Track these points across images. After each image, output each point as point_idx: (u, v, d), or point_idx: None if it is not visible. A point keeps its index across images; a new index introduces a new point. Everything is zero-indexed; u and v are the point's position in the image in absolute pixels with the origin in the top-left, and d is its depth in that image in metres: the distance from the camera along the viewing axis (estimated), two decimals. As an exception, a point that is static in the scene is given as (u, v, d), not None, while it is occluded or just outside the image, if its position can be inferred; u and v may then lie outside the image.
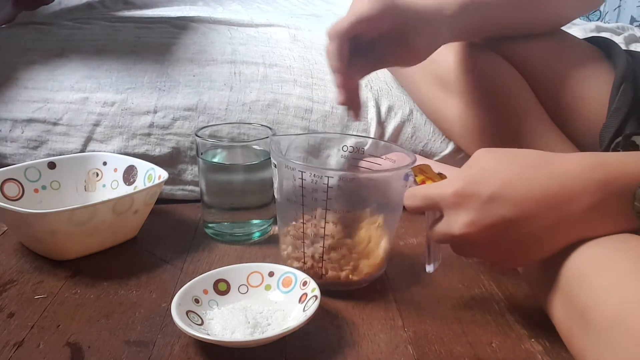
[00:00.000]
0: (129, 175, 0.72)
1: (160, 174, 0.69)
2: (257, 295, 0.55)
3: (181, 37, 0.95)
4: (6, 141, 0.80)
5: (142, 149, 0.81)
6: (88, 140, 0.81)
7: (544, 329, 0.52)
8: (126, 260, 0.65)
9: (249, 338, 0.48)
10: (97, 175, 0.74)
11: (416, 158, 0.57)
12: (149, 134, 0.81)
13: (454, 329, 0.54)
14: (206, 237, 0.71)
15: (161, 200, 0.76)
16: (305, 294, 0.54)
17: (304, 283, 0.55)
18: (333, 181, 0.54)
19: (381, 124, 0.86)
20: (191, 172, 0.82)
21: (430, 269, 0.57)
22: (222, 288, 0.55)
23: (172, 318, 0.48)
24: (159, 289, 0.59)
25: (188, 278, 0.55)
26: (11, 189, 0.68)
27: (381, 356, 0.49)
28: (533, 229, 0.46)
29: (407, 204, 0.54)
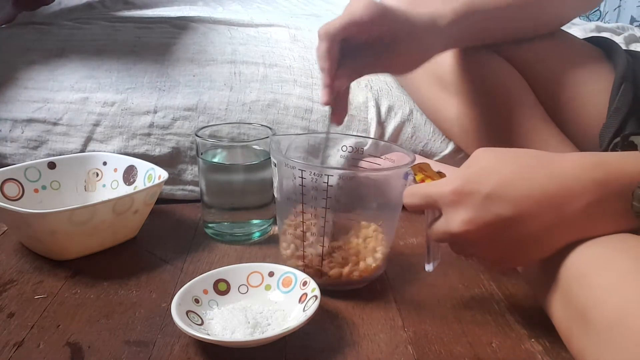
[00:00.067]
0: (129, 175, 0.72)
1: (160, 174, 0.69)
2: (257, 295, 0.55)
3: (181, 37, 0.95)
4: (6, 141, 0.80)
5: (142, 149, 0.81)
6: (88, 140, 0.81)
7: (544, 329, 0.52)
8: (126, 260, 0.65)
9: (249, 338, 0.49)
10: (97, 175, 0.74)
11: (415, 158, 0.57)
12: (149, 134, 0.81)
13: (454, 329, 0.54)
14: (206, 237, 0.71)
15: (161, 200, 0.76)
16: (305, 294, 0.54)
17: (304, 283, 0.55)
18: (333, 180, 0.54)
19: (381, 124, 0.86)
20: (191, 172, 0.82)
21: (429, 268, 0.57)
22: (222, 288, 0.55)
23: (172, 318, 0.48)
24: (159, 289, 0.59)
25: (188, 278, 0.55)
26: (11, 189, 0.68)
27: (381, 356, 0.49)
28: (532, 228, 0.46)
29: (406, 202, 0.54)
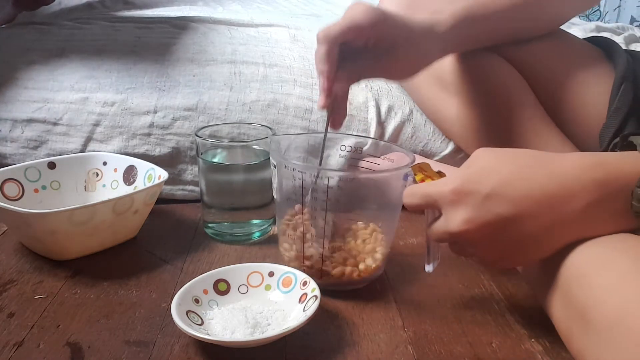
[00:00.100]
0: (129, 175, 0.72)
1: (160, 174, 0.69)
2: (257, 295, 0.55)
3: (181, 37, 0.95)
4: (6, 141, 0.80)
5: (142, 149, 0.81)
6: (88, 140, 0.81)
7: (544, 329, 0.52)
8: (126, 260, 0.65)
9: (249, 338, 0.49)
10: (97, 175, 0.74)
11: (415, 158, 0.57)
12: (149, 134, 0.81)
13: (454, 329, 0.54)
14: (206, 237, 0.71)
15: (161, 200, 0.76)
16: (305, 294, 0.54)
17: (304, 283, 0.55)
18: (333, 181, 0.54)
19: (381, 124, 0.86)
20: (191, 172, 0.82)
21: (429, 269, 0.57)
22: (222, 288, 0.55)
23: (172, 318, 0.48)
24: (159, 289, 0.59)
25: (188, 278, 0.55)
26: (11, 189, 0.68)
27: (381, 356, 0.49)
28: (532, 228, 0.46)
29: (406, 202, 0.54)
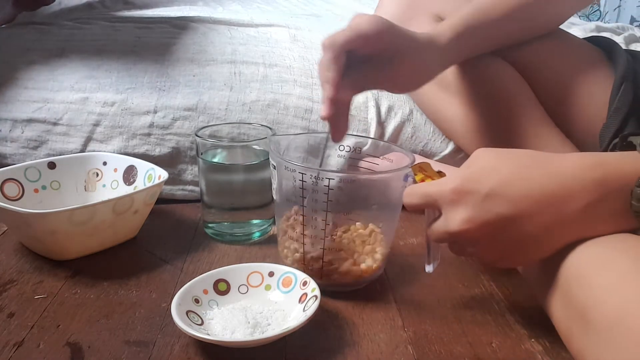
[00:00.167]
0: (129, 175, 0.72)
1: (160, 174, 0.69)
2: (257, 295, 0.55)
3: (181, 37, 0.95)
4: (6, 141, 0.80)
5: (142, 149, 0.81)
6: (88, 140, 0.81)
7: (544, 329, 0.52)
8: (126, 260, 0.65)
9: (249, 338, 0.49)
10: (97, 175, 0.74)
11: (415, 158, 0.57)
12: (149, 134, 0.81)
13: (454, 329, 0.54)
14: (206, 237, 0.71)
15: (161, 200, 0.76)
16: (305, 294, 0.54)
17: (304, 283, 0.55)
18: (333, 182, 0.54)
19: (381, 124, 0.86)
20: (191, 172, 0.82)
21: (429, 269, 0.57)
22: (222, 288, 0.55)
23: (172, 318, 0.48)
24: (159, 289, 0.59)
25: (188, 278, 0.55)
26: (11, 189, 0.68)
27: (381, 356, 0.49)
28: (531, 228, 0.46)
29: (406, 202, 0.53)
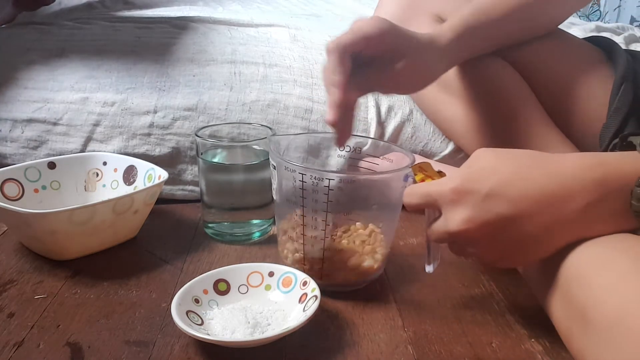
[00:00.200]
0: (129, 175, 0.72)
1: (160, 174, 0.69)
2: (257, 295, 0.55)
3: (181, 37, 0.95)
4: (6, 141, 0.80)
5: (142, 149, 0.81)
6: (88, 140, 0.81)
7: (544, 329, 0.52)
8: (126, 260, 0.65)
9: (249, 338, 0.49)
10: (97, 175, 0.74)
11: (415, 158, 0.57)
12: (149, 134, 0.81)
13: (454, 329, 0.54)
14: (206, 237, 0.71)
15: (161, 200, 0.76)
16: (305, 294, 0.54)
17: (304, 283, 0.55)
18: (333, 182, 0.54)
19: (381, 124, 0.86)
20: (191, 172, 0.82)
21: (429, 269, 0.57)
22: (222, 288, 0.55)
23: (172, 318, 0.48)
24: (159, 289, 0.59)
25: (188, 278, 0.55)
26: (11, 189, 0.68)
27: (381, 356, 0.49)
28: (531, 228, 0.46)
29: (406, 202, 0.53)
